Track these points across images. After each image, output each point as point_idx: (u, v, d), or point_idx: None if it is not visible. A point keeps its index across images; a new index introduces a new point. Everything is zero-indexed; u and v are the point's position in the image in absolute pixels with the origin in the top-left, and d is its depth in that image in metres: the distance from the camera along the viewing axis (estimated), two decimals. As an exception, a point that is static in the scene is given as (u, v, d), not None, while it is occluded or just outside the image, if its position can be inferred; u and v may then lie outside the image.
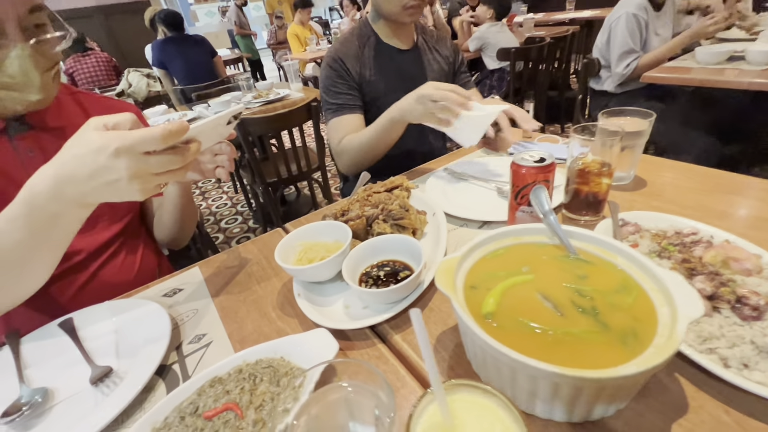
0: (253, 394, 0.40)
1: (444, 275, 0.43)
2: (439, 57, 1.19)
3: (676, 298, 0.36)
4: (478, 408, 0.26)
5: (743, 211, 0.64)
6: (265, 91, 2.27)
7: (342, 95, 1.09)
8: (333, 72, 1.09)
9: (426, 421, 0.25)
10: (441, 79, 1.15)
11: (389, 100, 1.10)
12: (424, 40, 1.18)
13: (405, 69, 1.13)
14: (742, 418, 0.36)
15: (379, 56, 1.11)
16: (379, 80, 1.11)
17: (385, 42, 1.12)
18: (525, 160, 0.55)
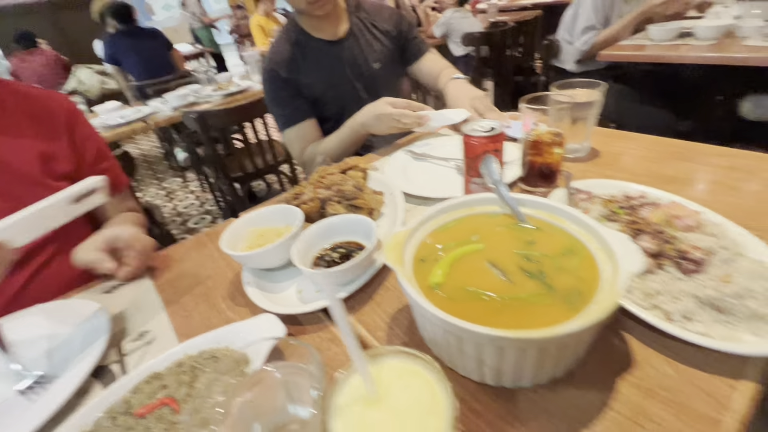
0: (191, 386, 0.38)
1: (392, 249, 0.41)
2: (379, 34, 1.12)
3: (617, 254, 0.36)
4: (407, 374, 0.24)
5: (689, 174, 0.65)
6: (226, 84, 2.18)
7: (288, 105, 1.05)
8: (272, 85, 1.05)
9: (348, 393, 0.23)
10: (386, 58, 1.12)
11: (336, 94, 1.09)
12: (359, 20, 1.11)
13: (343, 59, 1.07)
14: (684, 369, 0.36)
15: (312, 53, 1.05)
16: (318, 79, 1.06)
17: (315, 37, 1.05)
18: (475, 131, 0.54)
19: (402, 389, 0.23)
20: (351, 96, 1.10)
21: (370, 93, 1.12)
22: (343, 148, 1.00)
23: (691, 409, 0.33)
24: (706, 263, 0.41)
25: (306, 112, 1.08)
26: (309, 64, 1.05)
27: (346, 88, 1.09)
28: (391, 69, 1.16)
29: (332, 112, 1.10)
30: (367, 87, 1.12)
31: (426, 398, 0.21)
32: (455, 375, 0.39)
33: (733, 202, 0.56)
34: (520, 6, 3.67)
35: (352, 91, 1.10)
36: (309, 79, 1.05)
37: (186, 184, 3.23)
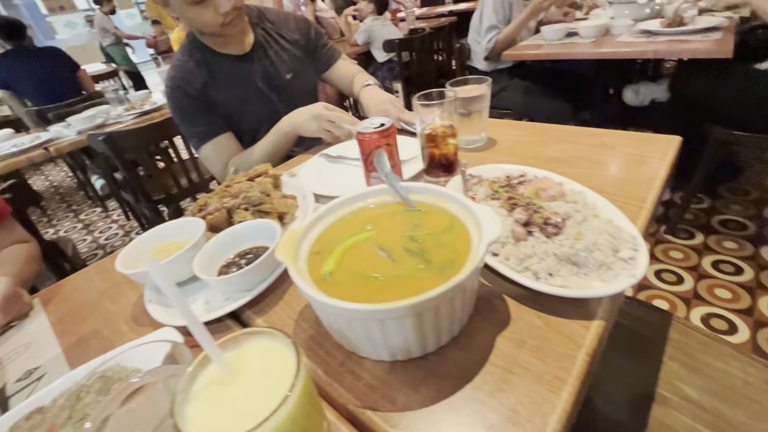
0: (74, 409, 0.36)
1: (284, 246, 0.43)
2: (287, 44, 1.11)
3: (483, 226, 0.40)
4: (265, 351, 0.25)
5: (566, 153, 0.74)
6: (140, 102, 2.05)
7: (200, 122, 1.01)
8: (179, 102, 1.00)
9: (204, 378, 0.24)
10: (298, 68, 1.13)
11: (251, 108, 1.07)
12: (264, 31, 1.09)
13: (253, 73, 1.06)
14: (549, 319, 0.41)
15: (221, 71, 1.02)
16: (230, 95, 1.03)
17: (221, 53, 1.02)
18: (366, 128, 0.57)
19: (258, 366, 0.25)
20: (267, 109, 1.10)
21: (286, 103, 1.12)
22: (270, 154, 0.98)
23: (553, 351, 0.38)
24: (563, 226, 0.47)
25: (222, 126, 1.04)
26: (219, 82, 1.02)
27: (260, 102, 1.08)
28: (304, 78, 1.17)
29: (248, 127, 1.09)
30: (282, 98, 1.12)
31: (279, 370, 0.23)
32: (356, 357, 0.41)
33: (597, 174, 0.65)
34: (437, 13, 3.88)
35: (267, 103, 1.10)
36: (220, 96, 1.03)
37: (107, 214, 2.97)
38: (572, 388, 0.35)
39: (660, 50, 1.35)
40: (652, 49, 1.37)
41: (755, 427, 0.57)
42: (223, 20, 0.91)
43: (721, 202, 1.80)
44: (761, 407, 0.59)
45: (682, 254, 1.57)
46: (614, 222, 0.48)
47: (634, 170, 0.64)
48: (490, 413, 0.34)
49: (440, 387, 0.37)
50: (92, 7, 6.46)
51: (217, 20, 0.91)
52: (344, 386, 0.39)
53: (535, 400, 0.34)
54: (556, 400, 0.34)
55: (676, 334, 0.73)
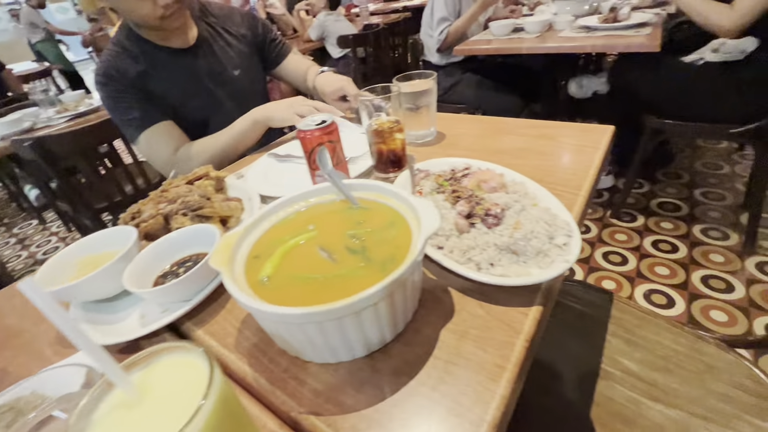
0: (-22, 452, 0.32)
1: (219, 252, 0.41)
2: (233, 39, 1.07)
3: (422, 220, 0.40)
4: (178, 366, 0.24)
5: (510, 145, 0.76)
6: (74, 104, 1.89)
7: (137, 108, 0.93)
8: (113, 88, 0.92)
9: (106, 405, 0.22)
10: (245, 64, 1.08)
11: (196, 104, 1.02)
12: (208, 25, 1.04)
13: (198, 68, 1.00)
14: (491, 308, 0.42)
15: (161, 64, 0.96)
16: (172, 89, 0.97)
17: (161, 45, 0.96)
18: (307, 125, 0.56)
19: (169, 384, 0.23)
20: (213, 105, 1.05)
21: (235, 100, 1.08)
22: (236, 142, 0.94)
23: (494, 340, 0.39)
24: (503, 216, 0.48)
25: (163, 114, 0.96)
26: (159, 75, 0.96)
27: (206, 98, 1.03)
28: (253, 74, 1.13)
29: (194, 123, 1.03)
30: (230, 95, 1.07)
31: (192, 386, 0.21)
32: (300, 362, 0.40)
33: (539, 164, 0.67)
34: (392, 9, 3.89)
35: (213, 100, 1.05)
36: (160, 89, 0.97)
37: (45, 227, 2.73)
38: (511, 374, 0.35)
39: (597, 45, 1.43)
40: (590, 44, 1.45)
41: (685, 391, 0.61)
42: (163, 13, 0.86)
43: (659, 186, 1.94)
44: (690, 373, 0.64)
45: (626, 236, 1.68)
46: (551, 210, 0.50)
47: (572, 159, 0.67)
48: (434, 406, 0.34)
49: (385, 385, 0.36)
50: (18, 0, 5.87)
51: (156, 13, 0.85)
52: (287, 393, 0.37)
53: (476, 389, 0.35)
54: (496, 388, 0.34)
55: (617, 312, 0.78)
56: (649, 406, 0.61)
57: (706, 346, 0.67)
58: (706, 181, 1.93)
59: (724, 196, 1.81)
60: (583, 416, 0.62)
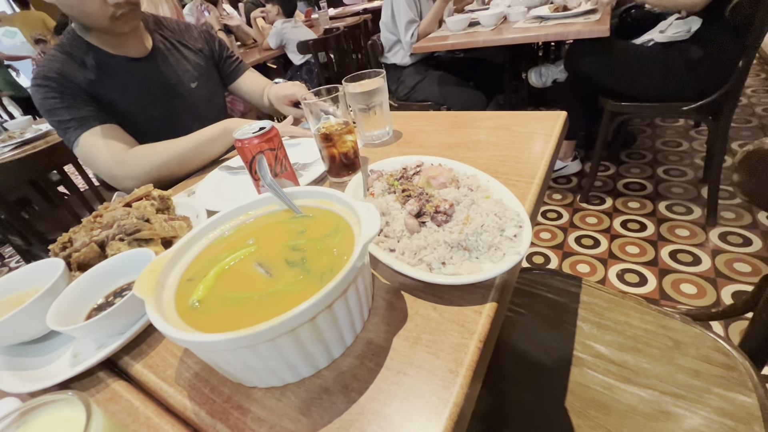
0: None
1: (145, 278, 0.37)
2: (188, 52, 1.05)
3: (364, 225, 0.38)
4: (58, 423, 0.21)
5: (466, 138, 0.75)
6: (19, 131, 1.79)
7: (77, 107, 0.85)
8: (52, 89, 0.84)
9: None
10: (203, 77, 1.06)
11: (150, 115, 0.97)
12: (163, 38, 1.02)
13: (151, 79, 0.96)
14: (444, 309, 0.40)
15: (112, 72, 0.91)
16: (123, 97, 0.92)
17: (113, 54, 0.91)
18: (244, 133, 0.53)
19: None
20: (169, 117, 1.00)
21: (193, 113, 1.04)
22: (201, 148, 0.89)
23: (447, 343, 0.37)
24: (453, 212, 0.47)
25: (108, 117, 0.89)
26: (109, 82, 0.91)
27: (160, 109, 0.99)
28: (210, 88, 1.10)
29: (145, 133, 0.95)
30: (187, 107, 1.03)
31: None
32: (245, 389, 0.37)
33: (493, 155, 0.66)
34: (351, 12, 3.87)
35: (168, 112, 1.00)
36: (111, 96, 0.91)
37: (4, 262, 2.58)
38: (464, 379, 0.33)
39: (550, 33, 1.45)
40: (543, 33, 1.47)
41: (655, 369, 0.61)
42: (113, 12, 0.81)
43: (623, 167, 1.99)
44: (658, 350, 0.64)
45: (596, 219, 1.71)
46: (503, 201, 0.49)
47: (525, 148, 0.67)
48: (383, 425, 0.32)
49: (333, 404, 0.34)
50: (-42, 27, 5.55)
51: (105, 11, 0.80)
52: (229, 425, 0.34)
53: (429, 400, 0.32)
54: (448, 396, 0.32)
55: (586, 296, 0.78)
56: (621, 389, 0.61)
57: (672, 321, 0.68)
58: (667, 158, 1.99)
59: (685, 172, 1.87)
60: (559, 406, 0.61)
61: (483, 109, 2.03)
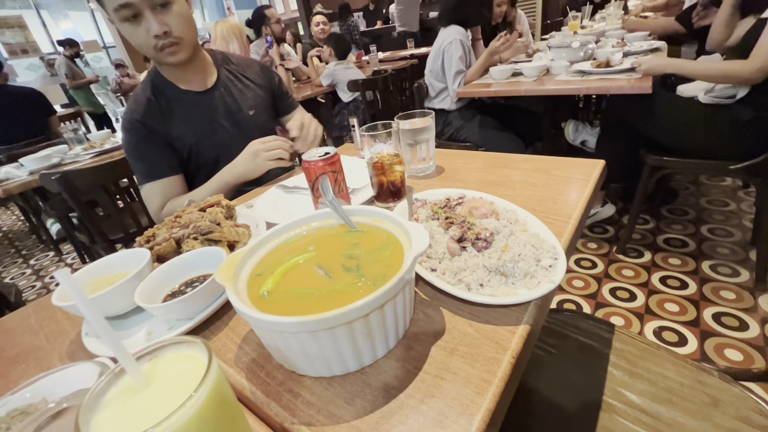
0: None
1: (223, 269, 0.44)
2: (251, 84, 1.17)
3: (414, 242, 0.43)
4: (181, 359, 0.26)
5: (505, 178, 0.80)
6: (100, 142, 2.02)
7: (149, 158, 1.02)
8: (133, 135, 1.01)
9: (116, 390, 0.25)
10: (260, 106, 1.17)
11: (211, 143, 1.09)
12: (228, 71, 1.14)
13: (215, 109, 1.08)
14: (480, 326, 0.44)
15: (180, 105, 1.04)
16: (189, 130, 1.05)
17: (182, 88, 1.04)
18: (311, 156, 0.61)
19: (172, 372, 0.25)
20: (227, 142, 1.11)
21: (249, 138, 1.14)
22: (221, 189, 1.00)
23: (482, 356, 0.40)
24: (492, 240, 0.51)
25: (171, 168, 1.05)
26: (177, 117, 1.04)
27: (220, 136, 1.11)
28: (265, 116, 1.22)
29: (207, 161, 1.10)
30: (243, 132, 1.14)
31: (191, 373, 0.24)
32: (296, 376, 0.42)
33: (531, 194, 0.71)
34: (399, 57, 4.14)
35: (227, 137, 1.12)
36: (179, 131, 1.04)
37: (61, 258, 2.81)
38: (497, 388, 0.37)
39: (592, 87, 1.50)
40: (585, 87, 1.53)
41: (690, 424, 0.60)
42: (155, 43, 0.91)
43: (664, 222, 1.94)
44: (694, 405, 0.62)
45: (633, 272, 1.67)
46: (539, 235, 0.53)
47: (563, 191, 0.71)
48: (421, 418, 0.35)
49: (374, 398, 0.38)
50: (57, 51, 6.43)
51: (150, 42, 0.91)
52: (282, 405, 0.39)
53: (462, 402, 0.36)
54: (481, 401, 0.35)
55: (619, 343, 0.77)
56: (653, 440, 0.59)
57: (710, 378, 0.66)
58: (712, 217, 1.93)
59: (732, 232, 1.80)
60: (586, 450, 0.60)
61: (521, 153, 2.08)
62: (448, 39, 2.05)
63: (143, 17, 0.88)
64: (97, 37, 8.25)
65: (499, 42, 2.04)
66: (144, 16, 0.88)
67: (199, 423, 0.22)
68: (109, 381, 0.24)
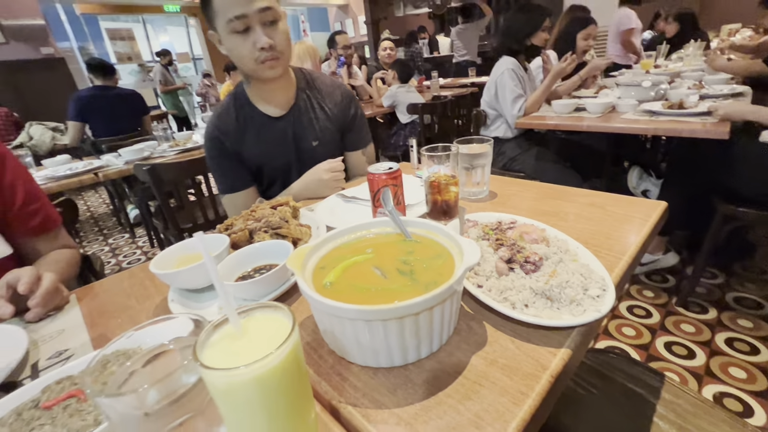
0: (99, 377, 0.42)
1: (294, 258, 0.50)
2: (322, 114, 1.17)
3: (466, 255, 0.47)
4: (269, 319, 0.32)
5: (559, 209, 0.81)
6: (183, 141, 2.28)
7: (228, 174, 1.12)
8: (213, 151, 1.11)
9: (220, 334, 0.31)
10: (325, 138, 1.17)
11: (273, 165, 1.16)
12: (307, 97, 1.16)
13: (283, 135, 1.13)
14: (522, 344, 0.46)
15: (254, 126, 1.10)
16: (258, 151, 1.11)
17: (258, 109, 1.10)
18: (377, 169, 0.67)
19: (263, 327, 0.31)
20: (286, 168, 1.18)
21: (305, 166, 1.14)
22: None
23: (521, 371, 0.42)
24: (541, 265, 0.53)
25: (246, 182, 1.14)
26: (250, 137, 1.11)
27: (281, 161, 1.16)
28: (329, 148, 1.19)
29: (269, 181, 1.19)
30: (301, 160, 1.16)
31: (278, 329, 0.29)
32: (345, 362, 0.46)
33: (584, 227, 0.71)
34: (460, 84, 4.22)
35: (286, 164, 1.17)
36: (249, 151, 1.12)
37: (134, 241, 3.13)
38: (534, 402, 0.38)
39: (660, 128, 1.45)
40: (653, 127, 1.48)
41: (743, 494, 0.55)
42: (258, 56, 0.96)
43: (736, 279, 1.78)
44: (750, 474, 0.58)
45: (694, 328, 1.54)
46: (589, 266, 0.54)
47: (618, 227, 0.70)
48: (457, 416, 0.38)
49: (415, 392, 0.41)
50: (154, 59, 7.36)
51: (254, 55, 0.96)
52: (331, 385, 0.43)
53: (498, 409, 0.38)
54: (517, 411, 0.37)
55: (669, 394, 0.73)
56: (698, 502, 0.56)
57: (773, 448, 0.61)
58: (796, 281, 1.73)
59: (820, 300, 1.60)
60: (621, 498, 0.58)
61: (576, 189, 2.02)
62: (500, 70, 2.08)
63: (252, 31, 0.94)
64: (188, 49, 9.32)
65: (566, 62, 2.01)
66: (253, 30, 0.94)
67: (283, 369, 0.27)
68: (214, 328, 0.31)
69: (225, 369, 0.26)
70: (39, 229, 0.86)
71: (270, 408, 0.28)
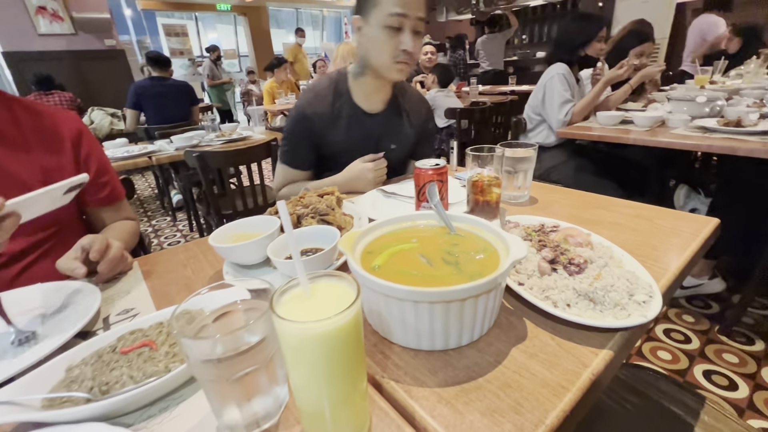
0: (169, 335, 0.46)
1: (345, 241, 0.53)
2: (407, 122, 1.21)
3: (512, 250, 0.48)
4: (333, 286, 0.35)
5: (602, 218, 0.80)
6: (229, 132, 2.39)
7: (297, 149, 1.14)
8: (297, 125, 1.12)
9: (291, 294, 0.34)
10: (403, 145, 1.22)
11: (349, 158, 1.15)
12: (399, 104, 1.20)
13: (369, 132, 1.16)
14: (561, 342, 0.46)
15: (348, 118, 1.13)
16: (343, 141, 1.14)
17: (356, 103, 1.13)
18: (424, 164, 0.69)
19: (328, 291, 0.34)
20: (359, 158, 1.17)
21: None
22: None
23: (561, 366, 0.43)
24: (585, 267, 0.53)
25: (309, 165, 1.17)
26: (340, 125, 1.13)
27: (356, 155, 1.15)
28: (402, 153, 1.26)
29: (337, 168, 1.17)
30: None
31: (342, 295, 0.32)
32: (388, 342, 0.48)
33: (629, 237, 0.70)
34: (499, 91, 4.18)
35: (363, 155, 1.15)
36: (335, 137, 1.14)
37: (175, 224, 3.31)
38: (574, 396, 0.39)
39: (715, 146, 1.38)
40: (706, 144, 1.41)
41: None
42: (397, 56, 1.01)
43: (788, 312, 1.66)
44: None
45: (737, 359, 1.45)
46: (635, 273, 0.53)
47: (666, 240, 0.69)
48: (496, 401, 0.39)
49: (455, 375, 0.43)
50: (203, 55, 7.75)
51: (394, 53, 1.00)
52: (375, 361, 0.46)
53: (539, 398, 0.39)
54: (557, 402, 0.38)
55: (709, 418, 0.70)
56: None
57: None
58: None
59: None
60: None
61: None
62: (551, 74, 2.04)
63: (402, 32, 0.99)
64: (235, 46, 9.73)
65: (622, 69, 1.95)
66: (404, 32, 0.99)
67: (347, 330, 0.29)
68: (286, 289, 0.34)
69: (297, 322, 0.29)
70: (107, 199, 0.94)
71: (331, 366, 0.31)
